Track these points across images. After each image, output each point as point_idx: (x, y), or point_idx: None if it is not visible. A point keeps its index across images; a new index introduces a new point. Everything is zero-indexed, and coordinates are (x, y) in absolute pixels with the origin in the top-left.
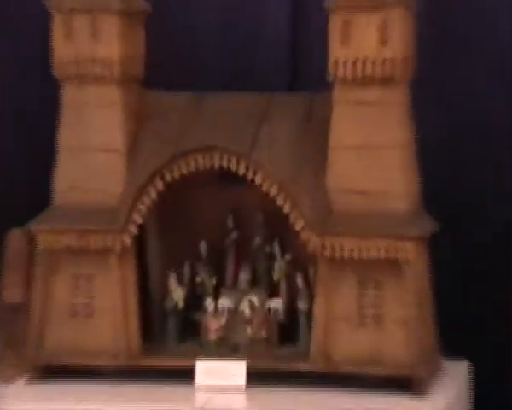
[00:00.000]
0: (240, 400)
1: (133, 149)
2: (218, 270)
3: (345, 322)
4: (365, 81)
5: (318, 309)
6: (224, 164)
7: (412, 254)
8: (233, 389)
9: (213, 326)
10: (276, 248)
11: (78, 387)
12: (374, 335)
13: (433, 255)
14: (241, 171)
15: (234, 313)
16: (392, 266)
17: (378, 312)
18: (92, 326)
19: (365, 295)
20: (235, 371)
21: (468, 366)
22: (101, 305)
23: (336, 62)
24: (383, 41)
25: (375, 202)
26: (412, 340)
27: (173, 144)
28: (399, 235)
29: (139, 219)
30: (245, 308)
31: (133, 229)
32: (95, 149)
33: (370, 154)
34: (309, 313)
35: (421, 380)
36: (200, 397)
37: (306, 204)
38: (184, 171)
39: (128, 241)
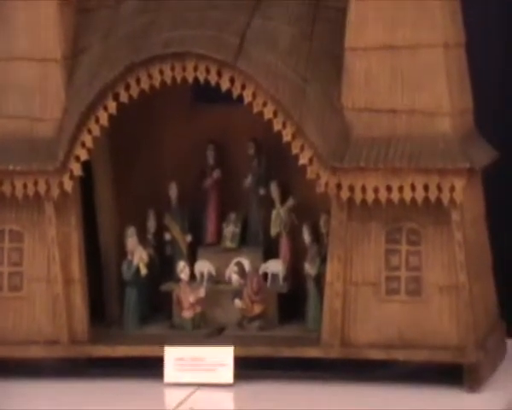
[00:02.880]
0: (225, 401)
1: (74, 55)
2: (194, 223)
3: (369, 290)
4: None
5: (332, 273)
6: (201, 76)
7: (462, 195)
8: (216, 386)
9: (189, 300)
10: (275, 191)
11: (2, 386)
12: (410, 307)
13: (492, 195)
14: (224, 85)
15: (216, 281)
16: (434, 211)
17: (414, 275)
18: (21, 304)
19: (396, 252)
20: (218, 360)
21: None
22: (33, 274)
23: None
24: None
25: (409, 124)
26: (463, 314)
27: (129, 48)
28: (443, 167)
29: (84, 155)
30: (232, 274)
31: (76, 168)
32: (18, 57)
33: (401, 57)
34: (320, 280)
35: (476, 369)
36: (171, 398)
37: (314, 129)
38: (145, 86)
39: (69, 185)
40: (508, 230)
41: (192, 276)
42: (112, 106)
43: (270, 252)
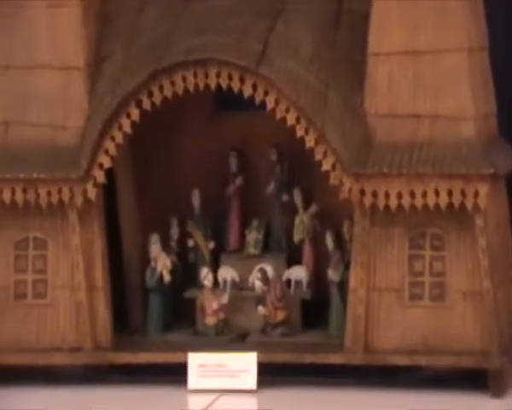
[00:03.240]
0: (248, 407)
1: (96, 63)
2: (218, 229)
3: (392, 296)
4: None
5: (356, 279)
6: (223, 83)
7: (485, 200)
8: (240, 392)
9: (212, 306)
10: (298, 197)
11: (25, 394)
12: (433, 312)
13: None
14: (247, 92)
15: (239, 287)
16: (458, 216)
17: (438, 280)
18: (45, 311)
19: (420, 258)
20: (242, 366)
21: None
22: (57, 281)
23: None
24: None
25: (432, 129)
26: (487, 319)
27: (152, 56)
28: (467, 173)
29: (107, 163)
30: (255, 281)
31: (99, 176)
32: (41, 66)
33: (424, 61)
34: (343, 286)
35: (501, 374)
36: (195, 405)
37: (336, 135)
38: (168, 94)
39: (92, 192)
40: None
41: (215, 283)
42: (135, 113)
43: (294, 258)
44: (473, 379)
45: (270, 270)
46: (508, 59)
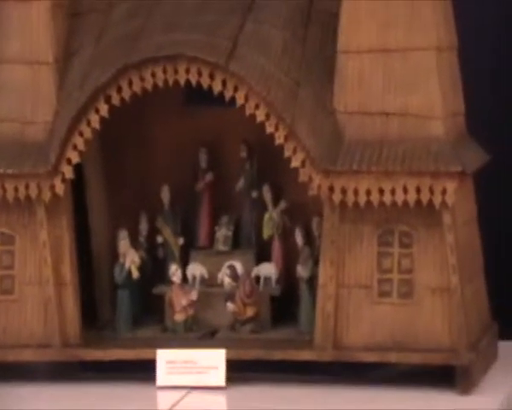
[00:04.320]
0: (218, 403)
1: (65, 58)
2: (187, 225)
3: (361, 292)
4: None
5: (325, 276)
6: (193, 79)
7: (453, 197)
8: (208, 389)
9: (181, 303)
10: (267, 194)
11: None
12: (402, 309)
13: (484, 198)
14: (217, 88)
15: (208, 283)
16: (426, 213)
17: (406, 277)
18: (12, 307)
19: (389, 255)
20: (211, 363)
21: None
22: (25, 277)
23: None
24: None
25: (402, 127)
26: (455, 316)
27: (121, 51)
28: (435, 170)
29: (76, 158)
30: (224, 277)
31: (68, 171)
32: (9, 60)
33: (394, 59)
34: (312, 282)
35: (469, 371)
36: (163, 401)
37: (306, 131)
38: (137, 89)
39: (60, 188)
40: (499, 232)
41: (184, 279)
42: (103, 108)
43: (263, 255)
44: (441, 376)
45: (239, 266)
46: (476, 58)
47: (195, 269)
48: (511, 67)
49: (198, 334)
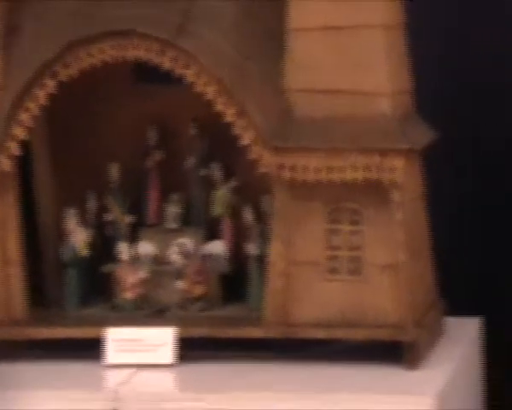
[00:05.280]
0: (167, 380)
1: (8, 33)
2: (136, 203)
3: (311, 269)
4: None
5: (275, 253)
6: (142, 55)
7: (402, 175)
8: (157, 367)
9: (130, 281)
10: (217, 172)
11: None
12: (350, 286)
13: (431, 176)
14: (166, 65)
15: (158, 261)
16: (375, 191)
17: (356, 254)
18: None
19: (338, 232)
20: (160, 341)
21: (479, 324)
22: None
23: None
24: None
25: (351, 105)
26: (402, 293)
27: (68, 27)
28: (383, 148)
29: (22, 134)
30: (173, 255)
31: (13, 147)
32: None
33: (343, 37)
34: (262, 260)
35: (416, 346)
36: (113, 378)
37: (256, 109)
38: (85, 65)
39: (7, 164)
40: (447, 209)
41: (133, 257)
42: (50, 85)
43: (213, 233)
44: (389, 352)
45: (189, 244)
46: (424, 36)
47: (145, 247)
48: (461, 46)
49: (147, 312)
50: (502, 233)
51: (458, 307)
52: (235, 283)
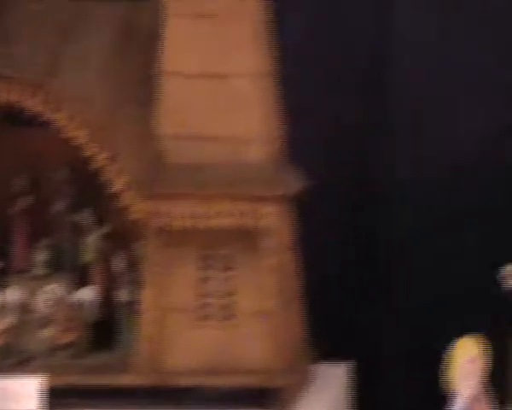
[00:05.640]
0: None
1: None
2: (5, 249)
3: (182, 316)
4: None
5: (147, 300)
6: (13, 98)
7: (274, 221)
8: None
9: None
10: (87, 217)
11: None
12: (221, 333)
13: (302, 222)
14: (37, 108)
15: (25, 309)
16: (247, 237)
17: (227, 301)
18: None
19: (210, 279)
20: (26, 391)
21: (347, 369)
22: None
23: None
24: None
25: (222, 151)
26: (272, 339)
27: None
28: (256, 194)
29: None
30: (41, 302)
31: None
32: None
33: (215, 84)
34: (133, 306)
35: (284, 392)
36: None
37: (128, 154)
38: None
39: None
40: (315, 257)
41: (1, 304)
42: None
43: (83, 279)
44: (259, 398)
45: (58, 291)
46: (296, 85)
47: (11, 294)
48: (331, 94)
49: (12, 361)
50: (365, 281)
51: (327, 352)
52: (105, 330)
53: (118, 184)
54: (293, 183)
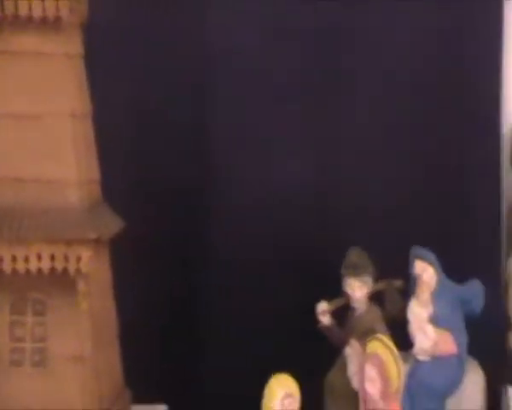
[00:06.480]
0: None
1: None
2: None
3: None
4: (20, 22)
5: None
6: None
7: (88, 265)
8: None
9: None
10: None
11: None
12: (35, 379)
13: (119, 264)
14: None
15: None
16: (61, 281)
17: (40, 346)
18: None
19: (22, 324)
20: None
21: None
22: None
23: None
24: None
25: (36, 194)
26: (88, 383)
27: None
28: (70, 238)
29: None
30: None
31: None
32: None
33: (28, 124)
34: None
35: None
36: None
37: None
38: None
39: None
40: (135, 299)
41: None
42: None
43: None
44: None
45: None
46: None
47: None
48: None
49: None
50: (191, 323)
51: (144, 395)
52: None
53: None
54: (110, 225)
